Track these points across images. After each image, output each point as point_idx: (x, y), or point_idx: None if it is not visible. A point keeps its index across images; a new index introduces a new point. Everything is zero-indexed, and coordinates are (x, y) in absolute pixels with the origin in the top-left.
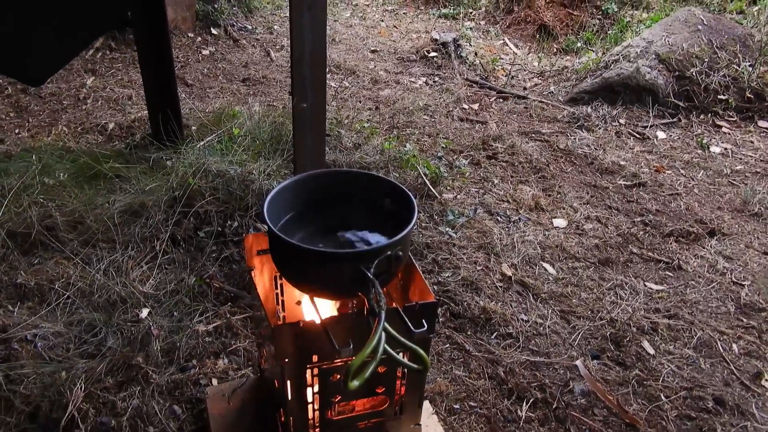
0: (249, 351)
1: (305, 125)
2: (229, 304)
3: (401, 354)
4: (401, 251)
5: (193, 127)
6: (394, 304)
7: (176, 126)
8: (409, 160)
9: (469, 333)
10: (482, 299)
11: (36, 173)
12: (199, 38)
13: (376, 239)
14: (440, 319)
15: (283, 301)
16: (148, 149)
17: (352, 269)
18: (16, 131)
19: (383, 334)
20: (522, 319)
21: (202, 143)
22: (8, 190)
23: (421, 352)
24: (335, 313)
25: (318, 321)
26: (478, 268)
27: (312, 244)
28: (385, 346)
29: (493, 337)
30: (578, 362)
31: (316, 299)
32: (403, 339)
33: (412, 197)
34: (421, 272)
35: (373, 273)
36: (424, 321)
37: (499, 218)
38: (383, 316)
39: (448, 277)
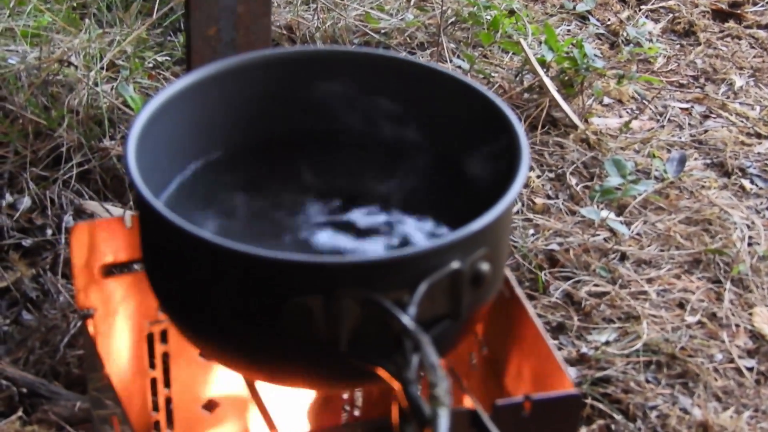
0: None
1: None
2: (21, 414)
3: None
4: (488, 261)
5: None
6: (467, 400)
7: None
8: (498, 21)
9: None
10: (701, 401)
11: None
12: None
13: (415, 233)
14: None
15: (169, 399)
16: None
17: (360, 308)
18: None
19: None
20: None
21: None
22: None
23: None
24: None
25: None
26: (690, 319)
27: (253, 242)
28: None
29: None
30: None
31: (262, 389)
32: None
33: (516, 120)
34: (537, 323)
35: (417, 318)
36: None
37: (745, 181)
38: (444, 427)
39: (606, 342)
